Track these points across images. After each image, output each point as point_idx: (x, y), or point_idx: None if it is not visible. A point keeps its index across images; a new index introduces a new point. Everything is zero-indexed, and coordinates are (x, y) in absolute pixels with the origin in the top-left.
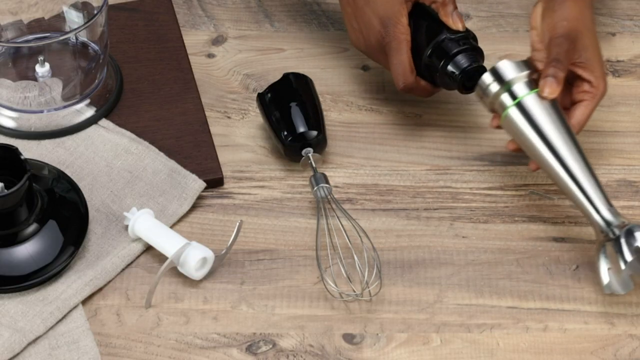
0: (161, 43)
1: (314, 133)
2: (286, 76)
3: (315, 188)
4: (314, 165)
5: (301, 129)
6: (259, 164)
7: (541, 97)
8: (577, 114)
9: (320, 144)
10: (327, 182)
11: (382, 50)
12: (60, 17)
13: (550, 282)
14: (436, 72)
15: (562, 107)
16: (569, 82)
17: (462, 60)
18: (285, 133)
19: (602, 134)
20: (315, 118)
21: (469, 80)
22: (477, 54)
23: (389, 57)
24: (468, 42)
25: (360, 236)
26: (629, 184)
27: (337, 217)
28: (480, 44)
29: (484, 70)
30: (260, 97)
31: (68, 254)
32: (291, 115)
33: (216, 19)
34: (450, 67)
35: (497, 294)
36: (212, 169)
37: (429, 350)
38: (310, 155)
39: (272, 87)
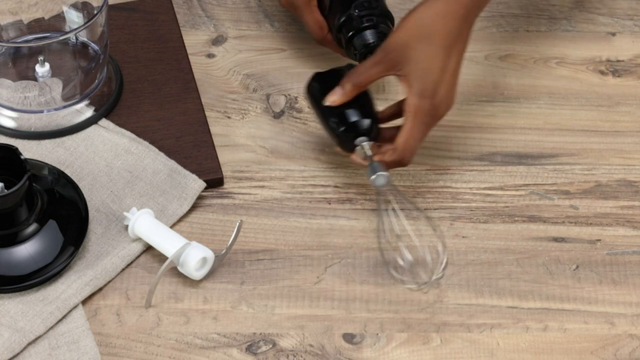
0: (161, 43)
1: (367, 121)
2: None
3: (374, 176)
4: (369, 154)
5: (354, 118)
6: (259, 164)
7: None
8: (398, 136)
9: (374, 132)
10: (385, 170)
11: (292, 5)
12: (60, 17)
13: (550, 282)
14: (344, 42)
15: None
16: None
17: (367, 36)
18: (337, 123)
19: (602, 134)
20: (367, 105)
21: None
22: (381, 32)
23: (300, 15)
24: (372, 19)
25: (434, 228)
26: (629, 184)
27: (398, 205)
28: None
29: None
30: (310, 86)
31: (68, 254)
32: (343, 104)
33: (216, 19)
34: (355, 41)
35: (497, 294)
36: (212, 169)
37: (429, 350)
38: (364, 144)
39: (320, 76)
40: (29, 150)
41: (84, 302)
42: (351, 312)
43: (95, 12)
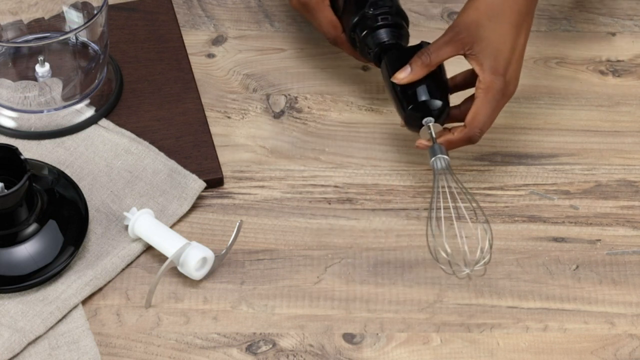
0: (161, 43)
1: (438, 103)
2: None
3: (433, 159)
4: (434, 135)
5: (424, 97)
6: (259, 164)
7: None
8: (468, 114)
9: (443, 115)
10: (446, 153)
11: (304, 7)
12: (60, 17)
13: (550, 282)
14: (358, 41)
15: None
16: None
17: (382, 35)
18: (407, 100)
19: (602, 134)
20: (440, 86)
21: (385, 55)
22: (397, 31)
23: (313, 15)
24: (388, 18)
25: (475, 211)
26: (629, 184)
27: (453, 190)
28: None
29: (400, 47)
30: (383, 61)
31: (68, 254)
32: (415, 82)
33: (216, 19)
34: (369, 40)
35: (497, 294)
36: (212, 169)
37: (429, 350)
38: (431, 125)
39: (394, 51)
40: (29, 150)
41: (84, 302)
42: (351, 312)
43: (95, 12)
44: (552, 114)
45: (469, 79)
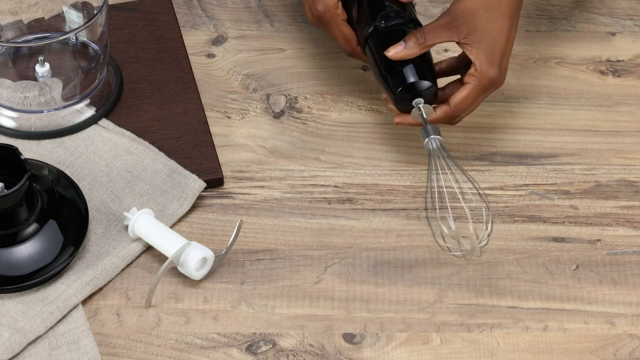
0: (161, 43)
1: (426, 83)
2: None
3: (427, 140)
4: (424, 116)
5: (413, 79)
6: (259, 164)
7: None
8: (456, 95)
9: (431, 95)
10: (438, 133)
11: (320, 22)
12: (60, 17)
13: (550, 282)
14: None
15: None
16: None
17: None
18: (396, 82)
19: (602, 134)
20: (428, 67)
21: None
22: None
23: (329, 29)
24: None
25: (473, 182)
26: (629, 184)
27: (448, 170)
28: None
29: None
30: (370, 41)
31: (68, 254)
32: (402, 64)
33: (216, 19)
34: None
35: (497, 294)
36: (212, 169)
37: (429, 349)
38: (421, 106)
39: (381, 32)
40: (29, 150)
41: (84, 302)
42: (351, 312)
43: (95, 12)
44: (552, 114)
45: (454, 66)
